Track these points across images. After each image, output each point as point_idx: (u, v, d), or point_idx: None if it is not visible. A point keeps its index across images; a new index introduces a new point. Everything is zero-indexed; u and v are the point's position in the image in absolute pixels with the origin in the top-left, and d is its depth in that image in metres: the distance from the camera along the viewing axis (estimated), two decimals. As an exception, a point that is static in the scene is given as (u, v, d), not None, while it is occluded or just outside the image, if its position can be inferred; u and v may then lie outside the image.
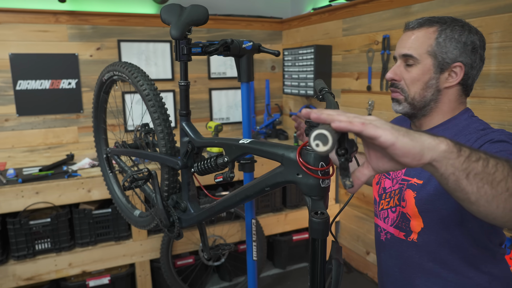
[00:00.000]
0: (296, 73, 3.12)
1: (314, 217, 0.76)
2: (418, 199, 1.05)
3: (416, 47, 1.04)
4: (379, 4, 2.46)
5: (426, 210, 1.04)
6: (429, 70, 1.04)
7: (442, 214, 1.01)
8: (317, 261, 0.79)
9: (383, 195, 1.20)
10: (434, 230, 1.04)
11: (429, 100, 1.06)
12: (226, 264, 2.75)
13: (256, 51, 1.45)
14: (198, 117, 3.31)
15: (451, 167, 0.62)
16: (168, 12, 1.24)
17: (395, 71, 1.08)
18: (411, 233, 1.09)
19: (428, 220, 1.04)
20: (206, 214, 1.21)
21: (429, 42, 1.03)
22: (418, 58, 1.04)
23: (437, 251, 1.04)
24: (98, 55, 2.93)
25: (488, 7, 1.84)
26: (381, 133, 0.57)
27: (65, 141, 2.91)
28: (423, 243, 1.06)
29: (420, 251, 1.07)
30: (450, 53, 1.02)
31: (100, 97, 1.75)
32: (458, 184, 0.64)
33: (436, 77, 1.04)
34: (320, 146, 0.55)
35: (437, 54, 1.02)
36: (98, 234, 2.45)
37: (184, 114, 1.29)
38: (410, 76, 1.06)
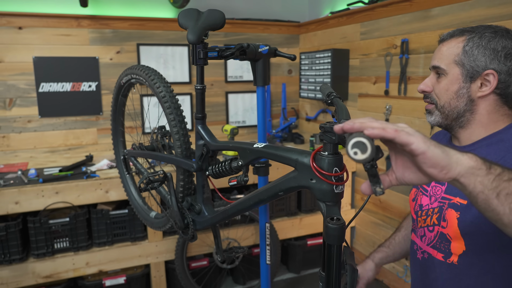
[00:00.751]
0: (313, 77, 3.11)
1: (330, 223, 0.76)
2: (461, 220, 0.99)
3: (444, 58, 1.03)
4: (398, 8, 2.44)
5: (470, 233, 0.98)
6: (458, 80, 1.01)
7: (488, 238, 0.96)
8: (332, 267, 0.78)
9: (419, 212, 1.15)
10: (477, 254, 0.98)
11: (462, 110, 1.02)
12: (240, 267, 2.75)
13: (272, 55, 1.45)
14: (215, 120, 3.33)
15: (479, 184, 0.61)
16: (186, 17, 1.26)
17: (426, 82, 1.08)
18: (451, 255, 1.03)
19: (472, 243, 0.99)
20: (220, 217, 1.22)
21: (456, 51, 1.01)
22: (446, 68, 1.03)
23: (478, 276, 0.99)
24: (118, 58, 2.98)
25: (510, 11, 1.80)
26: (413, 140, 0.58)
27: (85, 143, 2.97)
28: (464, 266, 1.01)
29: (459, 275, 1.02)
30: (478, 60, 0.98)
31: (119, 100, 1.79)
32: (488, 203, 0.62)
33: (466, 86, 1.01)
34: (359, 154, 0.55)
35: (465, 63, 1.00)
36: (115, 234, 2.49)
37: (200, 117, 1.30)
38: (440, 87, 1.05)
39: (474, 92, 1.01)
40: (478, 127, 1.03)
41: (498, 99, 1.00)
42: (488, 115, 1.02)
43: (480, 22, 1.94)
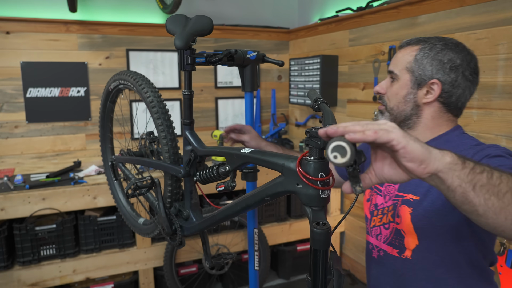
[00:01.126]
0: (302, 83, 3.13)
1: (316, 227, 0.76)
2: (414, 215, 1.04)
3: (398, 64, 1.10)
4: (386, 15, 2.47)
5: (421, 227, 1.03)
6: (407, 85, 1.08)
7: (438, 231, 1.00)
8: (318, 272, 0.79)
9: (374, 211, 1.19)
10: (429, 248, 1.03)
11: (409, 114, 1.10)
12: (230, 274, 2.74)
13: (261, 61, 1.46)
14: (204, 125, 3.33)
15: (457, 178, 0.63)
16: (173, 23, 1.26)
17: (382, 85, 1.15)
18: (405, 250, 1.07)
19: (424, 236, 1.03)
20: (207, 223, 1.22)
21: (409, 59, 1.08)
22: (398, 74, 1.10)
23: (432, 269, 1.03)
24: (107, 63, 2.97)
25: (494, 19, 1.84)
26: (393, 136, 0.59)
27: (73, 148, 2.94)
28: (417, 260, 1.05)
29: (414, 269, 1.06)
30: (426, 69, 1.05)
31: (107, 106, 1.78)
32: (466, 196, 0.65)
33: (413, 92, 1.08)
34: (339, 158, 0.56)
35: (415, 70, 1.06)
36: (103, 241, 2.46)
37: (188, 123, 1.30)
38: (391, 90, 1.12)
39: (420, 98, 1.08)
40: (424, 129, 1.10)
41: (442, 107, 1.08)
42: (432, 120, 1.09)
43: (466, 30, 1.97)
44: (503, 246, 1.84)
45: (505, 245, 1.84)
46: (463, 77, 1.04)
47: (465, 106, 1.10)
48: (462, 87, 1.05)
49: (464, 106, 1.09)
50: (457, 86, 1.04)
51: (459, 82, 1.04)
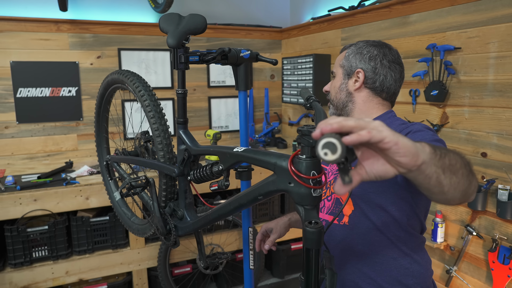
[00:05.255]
0: (295, 82, 3.14)
1: (308, 226, 0.76)
2: None
3: (336, 64, 1.33)
4: (378, 14, 2.48)
5: (355, 193, 1.15)
6: (340, 78, 1.30)
7: (370, 197, 1.12)
8: (311, 271, 0.79)
9: None
10: (362, 213, 1.14)
11: (345, 101, 1.28)
12: (224, 273, 2.74)
13: (254, 59, 1.46)
14: (197, 125, 3.32)
15: (434, 166, 0.69)
16: (166, 21, 1.25)
17: (328, 85, 1.36)
18: (343, 217, 1.18)
19: (358, 202, 1.15)
20: (201, 222, 1.21)
21: (341, 58, 1.31)
22: (335, 71, 1.32)
23: (366, 233, 1.14)
24: (98, 63, 2.95)
25: (485, 18, 1.86)
26: (385, 134, 0.61)
27: (65, 149, 2.91)
28: (354, 226, 1.16)
29: (351, 234, 1.16)
30: (352, 62, 1.26)
31: (102, 107, 1.77)
32: (439, 180, 0.71)
33: (345, 82, 1.28)
34: (329, 155, 0.55)
35: (345, 65, 1.28)
36: (96, 242, 2.45)
37: (182, 122, 1.30)
38: (332, 86, 1.33)
39: (350, 86, 1.27)
40: (359, 113, 1.27)
41: (370, 91, 1.26)
42: (364, 103, 1.27)
43: (457, 28, 1.99)
44: (495, 243, 1.86)
45: (497, 241, 1.86)
46: (381, 65, 1.23)
47: (393, 91, 1.26)
48: (383, 74, 1.24)
49: (391, 90, 1.25)
50: (378, 73, 1.24)
51: (378, 69, 1.23)
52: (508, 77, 1.80)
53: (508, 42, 1.78)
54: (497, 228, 1.88)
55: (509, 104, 1.80)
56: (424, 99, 2.18)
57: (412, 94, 2.26)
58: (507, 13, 1.76)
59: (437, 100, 2.10)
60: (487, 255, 1.92)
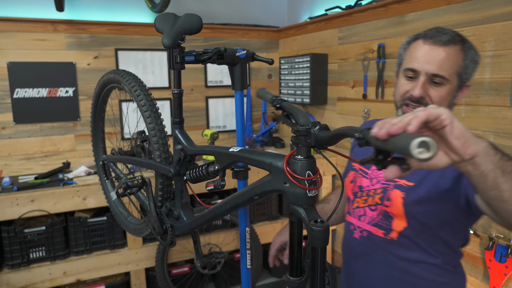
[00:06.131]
0: (293, 81, 3.14)
1: (314, 225, 0.76)
2: (406, 199, 1.07)
3: (447, 67, 1.01)
4: (374, 13, 2.48)
5: (412, 211, 1.07)
6: (454, 90, 1.05)
7: (427, 216, 1.05)
8: (317, 270, 0.79)
9: (358, 193, 1.22)
10: (416, 230, 1.07)
11: None
12: (222, 273, 2.74)
13: (250, 59, 1.46)
14: (195, 125, 3.32)
15: (490, 163, 0.66)
16: (162, 21, 1.25)
17: (424, 88, 1.04)
18: (391, 231, 1.11)
19: (412, 220, 1.07)
20: (198, 222, 1.21)
21: (458, 62, 1.02)
22: (449, 78, 1.02)
23: (414, 250, 1.09)
24: (95, 63, 2.94)
25: (481, 16, 1.86)
26: (442, 111, 0.60)
27: (62, 149, 2.91)
28: (402, 242, 1.10)
29: (397, 250, 1.10)
30: (469, 74, 1.05)
31: (98, 106, 1.77)
32: (496, 181, 0.68)
33: (456, 96, 1.07)
34: (425, 153, 0.54)
35: (462, 75, 1.04)
36: (93, 242, 2.44)
37: (178, 122, 1.29)
38: (440, 95, 1.04)
39: (456, 100, 1.08)
40: None
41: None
42: None
43: (453, 27, 1.98)
44: (491, 241, 1.87)
45: (494, 240, 1.87)
46: None
47: None
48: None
49: None
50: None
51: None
52: (504, 76, 1.80)
53: (504, 41, 1.78)
54: (494, 226, 1.88)
55: (505, 103, 1.81)
56: (421, 98, 2.18)
57: (409, 93, 2.26)
58: (503, 12, 1.77)
59: (433, 99, 2.10)
60: (484, 253, 1.93)
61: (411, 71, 1.07)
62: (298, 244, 0.84)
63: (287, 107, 0.90)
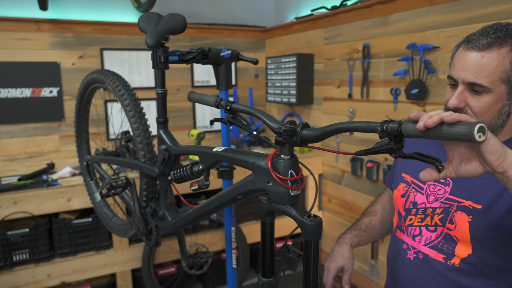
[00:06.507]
0: (279, 81, 3.15)
1: (308, 220, 0.79)
2: (473, 224, 0.98)
3: (488, 74, 0.91)
4: (359, 14, 2.51)
5: (480, 237, 0.98)
6: (502, 98, 0.93)
7: (497, 243, 0.97)
8: (310, 263, 0.81)
9: (413, 210, 1.12)
10: (481, 258, 0.99)
11: (498, 126, 0.97)
12: (209, 273, 2.73)
13: (235, 59, 1.46)
14: (182, 125, 3.30)
15: None
16: (146, 21, 1.25)
17: (460, 98, 0.96)
18: (453, 257, 1.02)
19: (480, 247, 0.99)
20: (182, 222, 1.21)
21: (503, 67, 0.91)
22: (490, 86, 0.92)
23: (476, 277, 1.01)
24: (80, 63, 2.91)
25: (462, 17, 1.89)
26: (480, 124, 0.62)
27: (46, 150, 2.87)
28: (465, 269, 1.01)
29: (458, 277, 1.02)
30: None
31: (82, 107, 1.75)
32: None
33: (509, 104, 0.94)
34: (482, 137, 0.61)
35: (511, 80, 0.92)
36: (78, 244, 2.42)
37: (162, 122, 1.29)
38: (480, 105, 0.94)
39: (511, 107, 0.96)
40: (500, 136, 1.00)
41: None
42: (510, 126, 0.99)
43: (436, 28, 2.02)
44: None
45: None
46: None
47: None
48: None
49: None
50: None
51: None
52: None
53: (484, 41, 1.82)
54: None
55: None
56: (405, 98, 2.21)
57: (393, 92, 2.29)
58: (484, 13, 1.80)
59: (417, 98, 2.13)
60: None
61: (451, 79, 1.00)
62: (270, 244, 0.85)
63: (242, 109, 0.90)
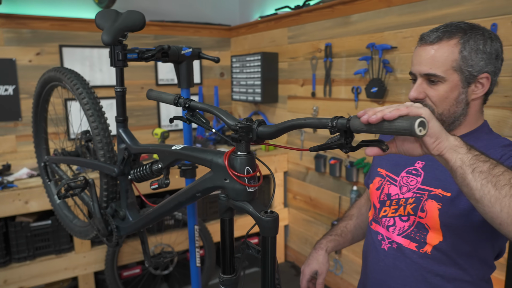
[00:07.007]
0: (244, 79, 3.16)
1: (265, 216, 0.80)
2: (443, 211, 1.01)
3: (440, 64, 0.98)
4: (321, 14, 2.55)
5: (450, 224, 1.00)
6: (457, 86, 0.99)
7: (466, 230, 0.99)
8: (268, 259, 0.82)
9: (387, 201, 1.14)
10: (452, 245, 1.01)
11: (459, 115, 1.02)
12: (175, 273, 2.71)
13: (196, 57, 1.46)
14: (146, 124, 3.25)
15: (459, 160, 0.73)
16: (103, 18, 1.22)
17: (418, 89, 1.03)
18: (425, 245, 1.05)
19: (449, 234, 1.01)
20: (143, 222, 1.20)
21: (453, 57, 0.98)
22: (444, 75, 0.98)
23: (449, 265, 1.03)
24: (38, 60, 2.80)
25: (418, 19, 1.97)
26: (422, 111, 0.69)
27: (2, 151, 2.75)
28: (436, 256, 1.03)
29: (431, 265, 1.04)
30: (476, 65, 0.98)
31: (40, 106, 1.69)
32: (464, 177, 0.73)
33: (464, 91, 1.00)
34: (422, 131, 0.65)
35: (463, 69, 0.98)
36: (37, 247, 2.33)
37: (121, 121, 1.27)
38: (437, 94, 1.00)
39: (469, 95, 1.01)
40: (464, 127, 1.05)
41: (482, 99, 1.04)
42: (475, 114, 1.05)
43: (393, 29, 2.10)
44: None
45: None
46: (501, 64, 1.02)
47: None
48: (498, 73, 1.02)
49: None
50: (497, 73, 1.02)
51: (499, 69, 1.02)
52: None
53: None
54: None
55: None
56: (366, 96, 2.28)
57: (354, 91, 2.35)
58: (438, 15, 1.88)
59: (377, 97, 2.20)
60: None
61: (412, 74, 1.07)
62: (230, 241, 0.86)
63: (201, 107, 0.90)
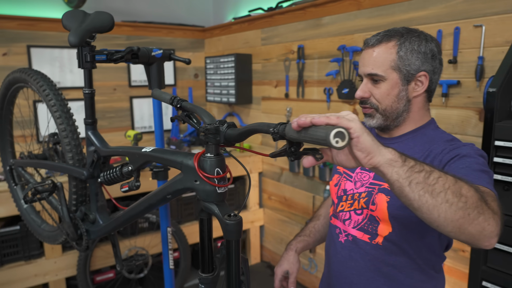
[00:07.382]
0: (218, 81, 3.16)
1: (228, 219, 0.80)
2: (391, 204, 1.07)
3: (380, 64, 1.08)
4: (294, 16, 2.59)
5: (397, 216, 1.06)
6: (397, 84, 1.08)
7: (412, 221, 1.05)
8: (232, 262, 0.83)
9: (343, 197, 1.20)
10: (401, 235, 1.07)
11: (401, 111, 1.11)
12: (150, 276, 2.68)
13: (167, 58, 1.45)
14: (119, 126, 3.20)
15: (395, 174, 0.72)
16: (70, 18, 1.21)
17: (363, 89, 1.12)
18: (376, 236, 1.10)
19: (397, 225, 1.07)
20: (114, 225, 1.19)
21: (391, 57, 1.07)
22: (384, 74, 1.08)
23: (399, 255, 1.09)
24: (4, 61, 2.72)
25: (386, 22, 2.03)
26: (352, 125, 0.67)
27: (-34, 155, 2.65)
28: (387, 247, 1.09)
29: (382, 255, 1.10)
30: (413, 64, 1.07)
31: (4, 108, 1.64)
32: (401, 190, 0.73)
33: (404, 89, 1.09)
34: (340, 142, 0.61)
35: (401, 68, 1.07)
36: (5, 254, 2.26)
37: (90, 123, 1.26)
38: (380, 92, 1.10)
39: (410, 93, 1.10)
40: (410, 123, 1.14)
41: (425, 96, 1.13)
42: (418, 111, 1.13)
43: (362, 31, 2.15)
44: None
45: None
46: (439, 63, 1.11)
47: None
48: (438, 73, 1.11)
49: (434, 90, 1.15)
50: (436, 72, 1.10)
51: (437, 68, 1.10)
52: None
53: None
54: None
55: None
56: (337, 97, 2.32)
57: (326, 92, 2.39)
58: (404, 18, 1.94)
59: (348, 97, 2.24)
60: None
61: (359, 76, 1.16)
62: (208, 240, 0.87)
63: (189, 107, 0.91)
